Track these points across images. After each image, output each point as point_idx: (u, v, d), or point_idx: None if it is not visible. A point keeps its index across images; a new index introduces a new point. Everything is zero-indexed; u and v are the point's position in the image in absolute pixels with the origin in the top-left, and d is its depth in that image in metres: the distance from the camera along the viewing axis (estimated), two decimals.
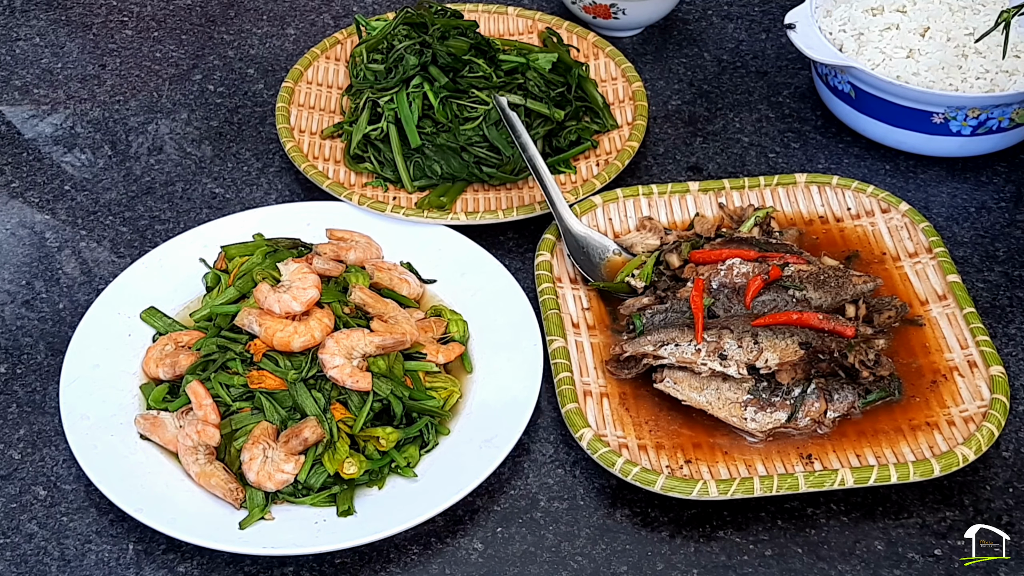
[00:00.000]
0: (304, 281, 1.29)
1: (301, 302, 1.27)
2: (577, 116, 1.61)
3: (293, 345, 1.24)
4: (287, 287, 1.28)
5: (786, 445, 1.25)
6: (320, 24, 1.84)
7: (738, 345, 1.25)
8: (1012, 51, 1.55)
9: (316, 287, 1.29)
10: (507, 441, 1.23)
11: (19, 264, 1.48)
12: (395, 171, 1.53)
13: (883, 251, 1.44)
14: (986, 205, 1.54)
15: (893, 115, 1.55)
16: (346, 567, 1.18)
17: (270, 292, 1.28)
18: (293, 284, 1.29)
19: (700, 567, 1.18)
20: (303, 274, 1.30)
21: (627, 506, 1.23)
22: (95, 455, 1.22)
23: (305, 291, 1.28)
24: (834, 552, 1.19)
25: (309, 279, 1.29)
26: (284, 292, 1.28)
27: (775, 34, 1.80)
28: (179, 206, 1.55)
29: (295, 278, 1.29)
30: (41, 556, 1.19)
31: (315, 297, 1.28)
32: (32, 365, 1.36)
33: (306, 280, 1.29)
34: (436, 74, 1.54)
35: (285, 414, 1.23)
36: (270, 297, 1.27)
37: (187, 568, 1.18)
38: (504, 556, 1.19)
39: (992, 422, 1.23)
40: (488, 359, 1.33)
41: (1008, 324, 1.40)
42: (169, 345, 1.31)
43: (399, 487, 1.22)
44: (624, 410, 1.28)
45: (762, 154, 1.62)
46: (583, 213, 1.47)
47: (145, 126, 1.66)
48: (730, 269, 1.34)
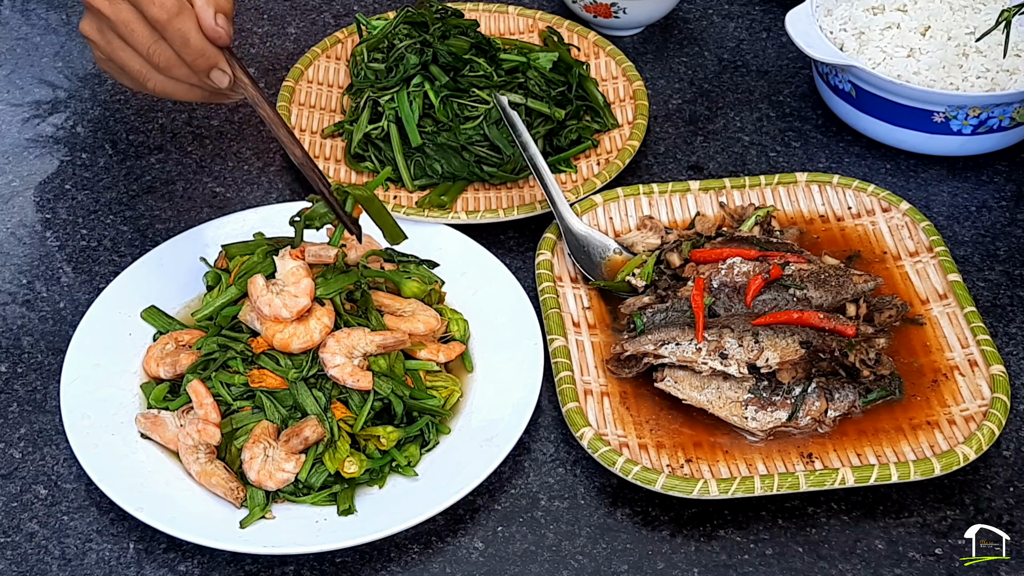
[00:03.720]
0: (297, 287, 1.24)
1: (291, 310, 1.23)
2: (578, 115, 1.61)
3: (292, 347, 1.24)
4: (280, 289, 1.24)
5: (787, 444, 1.25)
6: (321, 23, 1.84)
7: (739, 344, 1.25)
8: (1013, 50, 1.55)
9: (308, 295, 1.24)
10: (508, 440, 1.23)
11: (19, 263, 1.48)
12: (396, 170, 1.53)
13: (884, 250, 1.44)
14: (987, 204, 1.54)
15: (894, 114, 1.55)
16: (347, 566, 1.18)
17: (264, 291, 1.24)
18: (286, 287, 1.24)
19: (701, 566, 1.18)
20: (297, 277, 1.25)
21: (628, 505, 1.23)
22: (96, 454, 1.22)
23: (297, 299, 1.24)
24: (835, 551, 1.19)
25: (303, 284, 1.24)
26: (276, 295, 1.24)
27: (776, 33, 1.80)
28: (180, 205, 1.55)
29: (289, 280, 1.25)
30: (42, 555, 1.19)
31: (306, 306, 1.24)
32: (32, 364, 1.36)
33: (299, 285, 1.24)
34: (437, 73, 1.54)
35: (286, 413, 1.23)
36: (263, 297, 1.24)
37: (188, 567, 1.18)
38: (505, 555, 1.19)
39: (993, 421, 1.23)
40: (488, 358, 1.33)
41: (1009, 323, 1.40)
42: (170, 344, 1.31)
43: (400, 486, 1.22)
44: (625, 409, 1.28)
45: (763, 153, 1.62)
46: (584, 212, 1.47)
47: (145, 125, 1.66)
48: (731, 268, 1.34)
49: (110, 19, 1.21)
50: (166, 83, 1.23)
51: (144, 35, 1.20)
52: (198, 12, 1.19)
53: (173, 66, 1.21)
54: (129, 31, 1.20)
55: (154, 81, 1.22)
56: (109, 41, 1.23)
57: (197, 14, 1.19)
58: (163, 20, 1.18)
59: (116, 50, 1.23)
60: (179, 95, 1.24)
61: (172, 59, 1.20)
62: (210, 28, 1.19)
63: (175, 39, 1.19)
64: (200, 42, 1.19)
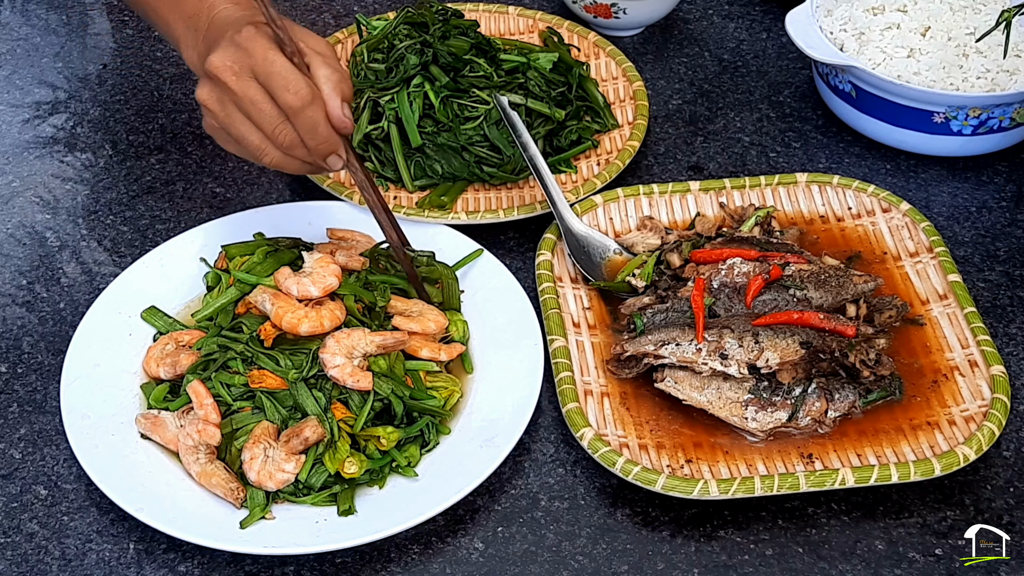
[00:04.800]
0: (326, 269, 1.31)
1: (320, 287, 1.28)
2: (578, 115, 1.61)
3: (301, 329, 1.25)
4: (308, 272, 1.30)
5: (787, 444, 1.25)
6: (320, 23, 1.84)
7: (739, 344, 1.25)
8: (1013, 51, 1.55)
9: (336, 276, 1.30)
10: (508, 440, 1.23)
11: (19, 264, 1.48)
12: (396, 170, 1.53)
13: (884, 250, 1.44)
14: (987, 204, 1.54)
15: (894, 114, 1.55)
16: (347, 566, 1.18)
17: (290, 275, 1.30)
18: (315, 271, 1.30)
19: (701, 566, 1.18)
20: (326, 263, 1.31)
21: (628, 505, 1.23)
22: (96, 454, 1.22)
23: (325, 278, 1.29)
24: (835, 551, 1.19)
25: (331, 268, 1.31)
26: (305, 276, 1.30)
27: (776, 34, 1.80)
28: (180, 205, 1.55)
29: (317, 266, 1.31)
30: (42, 555, 1.19)
31: (334, 285, 1.29)
32: (33, 364, 1.36)
33: (328, 268, 1.31)
34: (437, 73, 1.54)
35: (286, 413, 1.23)
36: (289, 280, 1.29)
37: (188, 567, 1.18)
38: (505, 555, 1.19)
39: (993, 421, 1.23)
40: (489, 358, 1.33)
41: (1009, 323, 1.40)
42: (170, 344, 1.31)
43: (400, 486, 1.22)
44: (625, 409, 1.28)
45: (763, 153, 1.62)
46: (584, 212, 1.47)
47: (145, 126, 1.66)
48: (731, 268, 1.34)
49: (236, 94, 1.19)
50: (282, 159, 1.23)
51: (271, 115, 1.19)
52: (326, 101, 1.20)
53: (295, 147, 1.21)
54: (256, 109, 1.19)
55: (271, 156, 1.22)
56: (229, 114, 1.21)
57: (325, 103, 1.20)
58: (295, 107, 1.18)
59: (236, 123, 1.21)
60: (289, 169, 1.25)
61: (295, 141, 1.20)
62: (337, 118, 1.20)
63: (303, 125, 1.19)
64: (327, 131, 1.20)
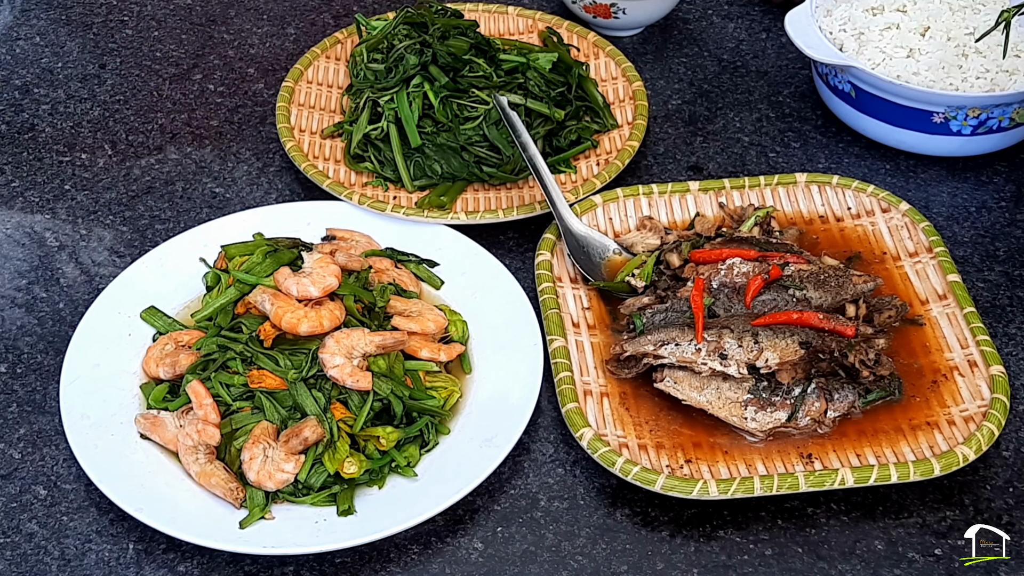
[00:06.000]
0: (325, 269, 1.31)
1: (320, 287, 1.29)
2: (577, 116, 1.61)
3: (300, 329, 1.25)
4: (308, 272, 1.31)
5: (786, 445, 1.25)
6: (320, 24, 1.84)
7: (738, 345, 1.25)
8: (1012, 51, 1.55)
9: (336, 276, 1.31)
10: (507, 440, 1.23)
11: (19, 264, 1.48)
12: (395, 170, 1.53)
13: (883, 251, 1.44)
14: (986, 204, 1.54)
15: (893, 115, 1.55)
16: (346, 566, 1.18)
17: (290, 275, 1.30)
18: (314, 271, 1.31)
19: (700, 566, 1.18)
20: (325, 263, 1.32)
21: (627, 505, 1.23)
22: (95, 454, 1.22)
23: (325, 278, 1.30)
24: (834, 551, 1.19)
25: (330, 268, 1.31)
26: (304, 276, 1.30)
27: (775, 34, 1.80)
28: (179, 206, 1.55)
29: (317, 266, 1.32)
30: (41, 555, 1.19)
31: (334, 285, 1.30)
32: (32, 364, 1.36)
33: (327, 269, 1.31)
34: (436, 74, 1.54)
35: (285, 414, 1.23)
36: (289, 280, 1.30)
37: (187, 567, 1.18)
38: (504, 555, 1.19)
39: (992, 422, 1.23)
40: (488, 359, 1.33)
41: (1008, 324, 1.40)
42: (169, 344, 1.31)
43: (399, 486, 1.22)
44: (624, 410, 1.28)
45: (762, 154, 1.62)
46: (583, 212, 1.47)
47: (145, 126, 1.66)
48: (730, 269, 1.34)
49: None
50: None
51: None
52: None
53: None
54: None
55: None
56: None
57: None
58: None
59: None
60: None
61: None
62: None
63: None
64: None
